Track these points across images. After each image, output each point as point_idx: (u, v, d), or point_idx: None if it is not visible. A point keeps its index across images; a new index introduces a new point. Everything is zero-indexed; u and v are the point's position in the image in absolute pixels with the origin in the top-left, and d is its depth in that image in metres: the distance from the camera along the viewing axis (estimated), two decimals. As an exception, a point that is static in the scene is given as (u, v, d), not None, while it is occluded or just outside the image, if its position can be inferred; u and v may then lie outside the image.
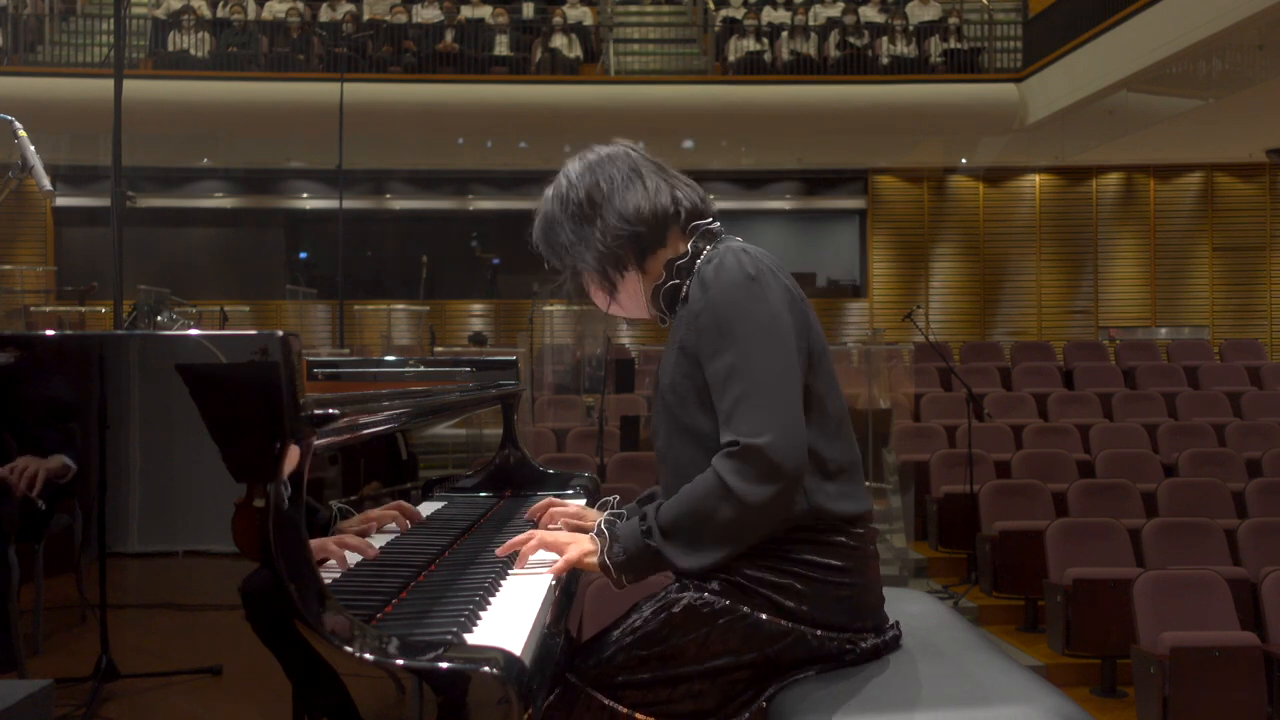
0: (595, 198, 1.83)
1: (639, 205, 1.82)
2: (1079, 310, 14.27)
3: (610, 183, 1.84)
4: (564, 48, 12.73)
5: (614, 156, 1.87)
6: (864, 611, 1.73)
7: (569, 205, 1.85)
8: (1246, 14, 8.58)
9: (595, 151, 1.90)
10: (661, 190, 1.84)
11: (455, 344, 13.24)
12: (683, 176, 1.90)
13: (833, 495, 1.71)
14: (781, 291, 1.72)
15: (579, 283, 1.90)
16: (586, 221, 1.83)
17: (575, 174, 1.87)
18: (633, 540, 1.70)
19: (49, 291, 12.09)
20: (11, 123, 2.77)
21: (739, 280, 1.70)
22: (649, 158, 1.90)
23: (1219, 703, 4.44)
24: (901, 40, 12.81)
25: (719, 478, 1.63)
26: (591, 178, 1.85)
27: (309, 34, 12.61)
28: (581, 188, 1.85)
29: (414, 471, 2.08)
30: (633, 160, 1.87)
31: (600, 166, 1.86)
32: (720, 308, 1.69)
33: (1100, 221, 14.23)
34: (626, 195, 1.82)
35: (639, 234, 1.81)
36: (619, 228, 1.81)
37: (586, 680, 1.71)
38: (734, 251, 1.74)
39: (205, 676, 1.31)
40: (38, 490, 1.33)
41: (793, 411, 1.65)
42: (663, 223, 1.82)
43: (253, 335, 1.33)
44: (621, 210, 1.81)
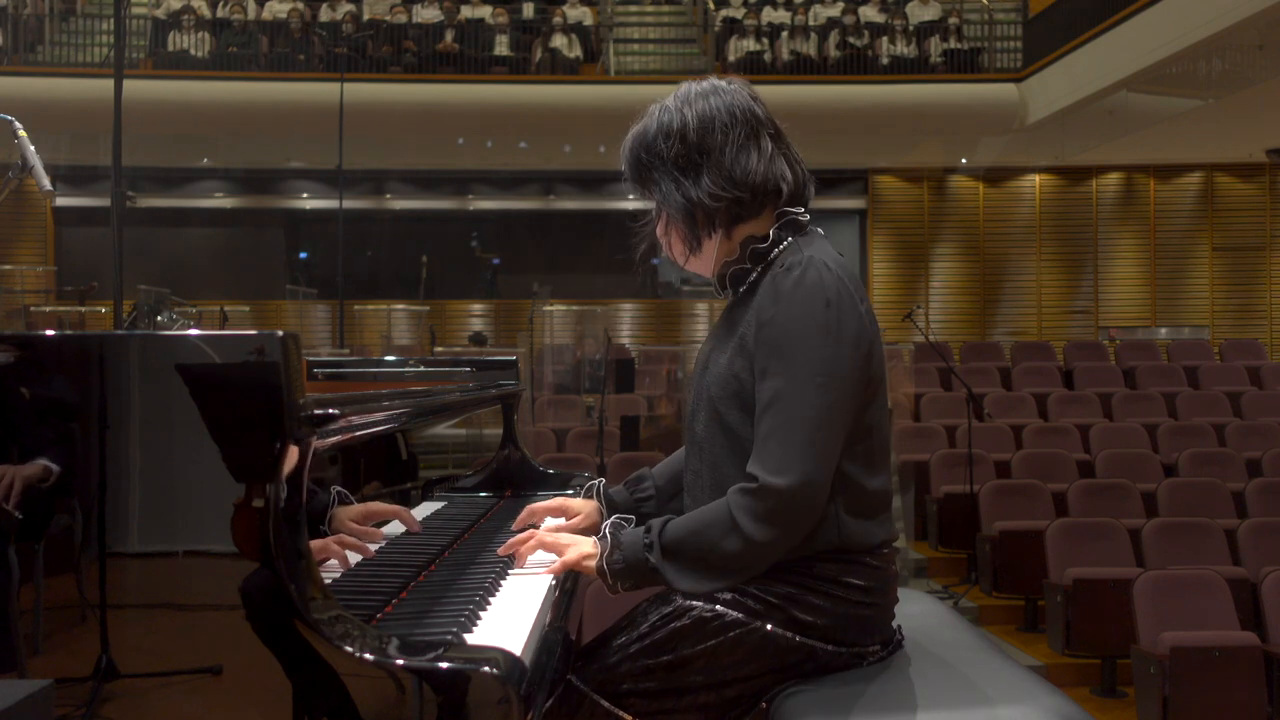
0: (709, 146, 1.71)
1: (750, 171, 1.70)
2: (1079, 310, 14.27)
3: (725, 133, 1.71)
4: (564, 48, 12.73)
5: (737, 106, 1.73)
6: (877, 628, 1.72)
7: (674, 144, 1.72)
8: (1246, 14, 8.58)
9: (719, 93, 1.75)
10: (776, 161, 1.73)
11: (455, 344, 13.24)
12: (794, 148, 1.79)
13: (865, 529, 1.68)
14: (854, 322, 1.63)
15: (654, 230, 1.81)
16: (691, 169, 1.72)
17: (694, 112, 1.72)
18: (633, 551, 1.67)
19: (49, 291, 12.09)
20: (11, 123, 2.77)
21: (815, 305, 1.61)
22: (769, 116, 1.77)
23: (1219, 703, 4.44)
24: (901, 40, 12.82)
25: (730, 513, 1.60)
26: (710, 122, 1.71)
27: (309, 34, 12.61)
28: (695, 130, 1.71)
29: (414, 471, 2.08)
30: (755, 116, 1.74)
31: (721, 113, 1.72)
32: (786, 328, 1.61)
33: (1100, 221, 14.23)
34: (739, 157, 1.70)
35: (740, 200, 1.71)
36: (723, 189, 1.70)
37: (590, 685, 1.69)
38: (818, 267, 1.64)
39: (205, 676, 1.31)
40: (14, 501, 1.32)
41: (822, 458, 1.59)
42: (763, 197, 1.72)
43: (252, 335, 1.33)
44: (731, 172, 1.70)
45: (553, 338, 11.90)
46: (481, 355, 6.33)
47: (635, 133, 1.78)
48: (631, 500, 2.03)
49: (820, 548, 1.65)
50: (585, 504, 2.03)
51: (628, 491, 2.05)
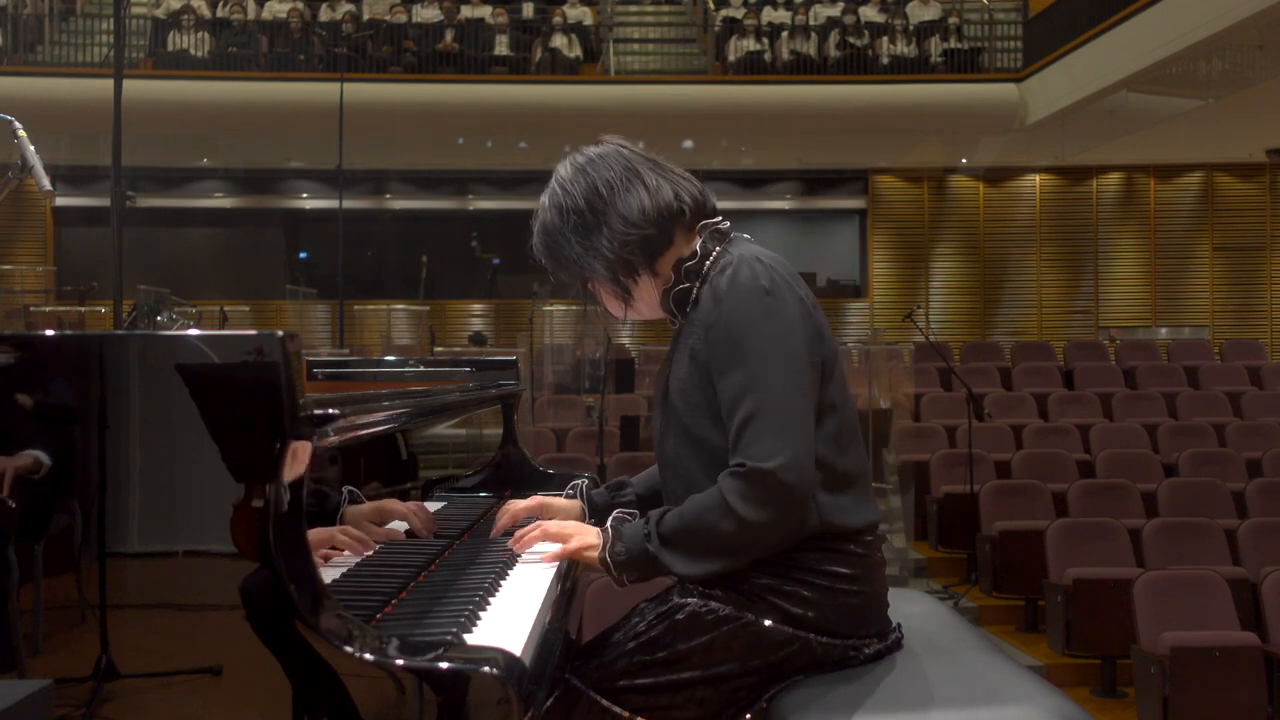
0: (595, 204, 1.76)
1: (643, 205, 1.75)
2: (1079, 310, 14.27)
3: (609, 186, 1.76)
4: (564, 48, 12.73)
5: (606, 156, 1.80)
6: (869, 619, 1.72)
7: (569, 216, 1.78)
8: (1246, 14, 8.59)
9: (585, 153, 1.82)
10: (663, 187, 1.77)
11: (455, 344, 13.24)
12: (679, 170, 1.84)
13: (844, 508, 1.69)
14: (796, 304, 1.68)
15: (589, 293, 1.85)
16: (591, 231, 1.77)
17: (569, 180, 1.79)
18: (634, 542, 1.69)
19: (49, 291, 12.09)
20: (11, 123, 2.77)
21: (753, 294, 1.65)
22: (642, 153, 1.82)
23: (1219, 703, 4.44)
24: (901, 40, 12.82)
25: (723, 497, 1.61)
26: (588, 182, 1.77)
27: (309, 34, 12.61)
28: (579, 195, 1.77)
29: (414, 471, 2.08)
30: (626, 158, 1.79)
31: (594, 168, 1.78)
32: (733, 323, 1.65)
33: (1100, 221, 14.23)
34: (628, 197, 1.76)
35: (647, 236, 1.75)
36: (625, 233, 1.75)
37: (588, 683, 1.71)
38: (748, 261, 1.69)
39: (205, 676, 1.31)
40: (6, 490, 1.32)
41: (802, 435, 1.62)
42: (669, 221, 1.77)
43: (252, 335, 1.33)
44: (625, 214, 1.75)
45: (553, 338, 11.90)
46: (481, 355, 6.33)
47: (536, 230, 1.84)
48: (611, 504, 2.03)
49: (804, 534, 1.66)
50: (567, 504, 2.04)
51: (609, 495, 2.06)
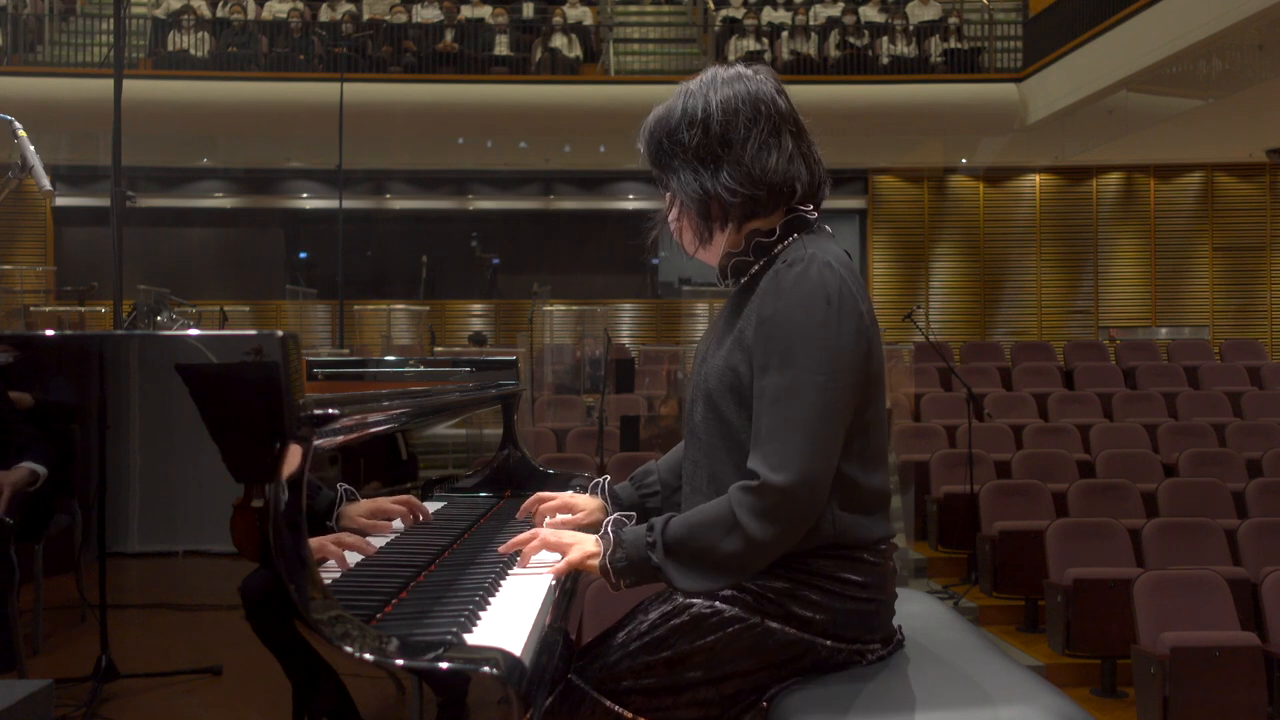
0: (731, 140, 1.68)
1: (769, 170, 1.68)
2: (1079, 310, 14.27)
3: (749, 131, 1.68)
4: (564, 48, 12.73)
5: (762, 99, 1.70)
6: (877, 624, 1.71)
7: (697, 133, 1.69)
8: (1246, 14, 8.59)
9: (744, 80, 1.71)
10: (794, 162, 1.71)
11: (455, 344, 13.24)
12: (815, 146, 1.77)
13: (862, 525, 1.68)
14: (854, 320, 1.62)
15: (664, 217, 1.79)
16: (711, 161, 1.69)
17: (718, 100, 1.69)
18: (636, 550, 1.67)
19: (49, 291, 12.09)
20: (11, 123, 2.77)
21: (816, 302, 1.60)
22: (792, 111, 1.74)
23: (1219, 703, 4.44)
24: (901, 40, 12.82)
25: (731, 511, 1.59)
26: (734, 115, 1.68)
27: (309, 34, 12.61)
28: (719, 121, 1.68)
29: (414, 471, 2.08)
30: (778, 110, 1.71)
31: (745, 106, 1.69)
32: (787, 324, 1.61)
33: (1100, 221, 14.23)
34: (760, 154, 1.68)
35: (756, 198, 1.69)
36: (741, 186, 1.68)
37: (590, 683, 1.70)
38: (819, 264, 1.63)
39: (205, 676, 1.31)
40: (3, 508, 1.33)
41: (824, 454, 1.59)
42: (779, 195, 1.71)
43: (252, 335, 1.33)
44: (751, 169, 1.68)
45: (553, 338, 11.91)
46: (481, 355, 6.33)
47: (658, 115, 1.76)
48: (637, 496, 2.04)
49: (816, 544, 1.65)
50: (590, 501, 2.04)
51: (633, 487, 2.06)
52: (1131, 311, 14.18)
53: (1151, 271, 14.23)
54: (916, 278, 14.31)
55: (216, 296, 12.58)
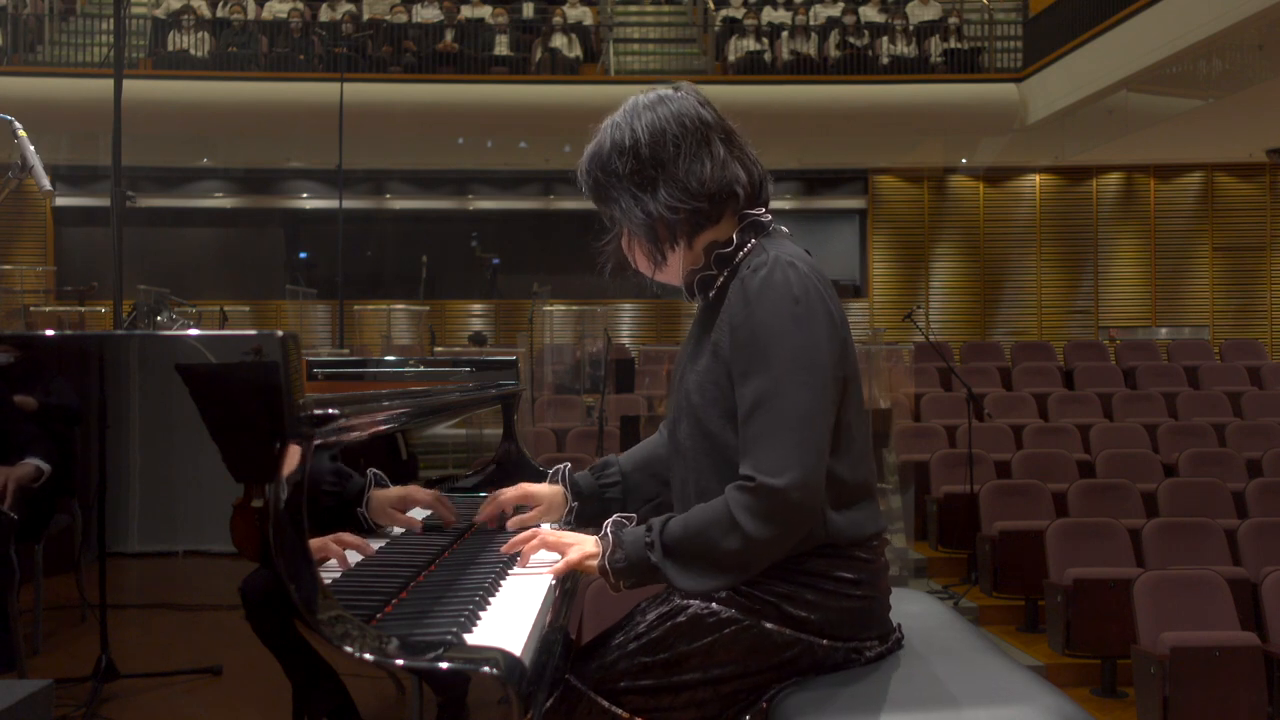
0: (662, 159, 1.70)
1: (705, 179, 1.69)
2: (1079, 310, 14.28)
3: (677, 145, 1.70)
4: (564, 48, 12.73)
5: (685, 114, 1.72)
6: (872, 622, 1.72)
7: (628, 160, 1.72)
8: (1246, 14, 8.59)
9: (666, 102, 1.74)
10: (729, 165, 1.72)
11: (455, 344, 13.24)
12: (750, 148, 1.78)
13: (851, 524, 1.68)
14: (825, 317, 1.63)
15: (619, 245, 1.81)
16: (647, 184, 1.71)
17: (643, 125, 1.72)
18: (635, 550, 1.67)
19: (49, 291, 12.09)
20: (11, 123, 2.77)
21: (784, 302, 1.61)
22: (717, 117, 1.75)
23: (1219, 703, 4.44)
24: (901, 40, 12.82)
25: (729, 511, 1.59)
26: (660, 135, 1.70)
27: (309, 34, 12.61)
28: (647, 144, 1.71)
29: (414, 471, 2.08)
30: (704, 122, 1.73)
31: (670, 124, 1.71)
32: (760, 328, 1.61)
33: (1100, 221, 14.24)
34: (693, 167, 1.70)
35: (698, 210, 1.70)
36: (680, 201, 1.69)
37: (588, 684, 1.70)
38: (783, 265, 1.64)
39: (205, 676, 1.31)
40: (9, 502, 1.33)
41: (815, 452, 1.59)
42: (721, 204, 1.72)
43: (252, 335, 1.33)
44: (687, 183, 1.69)
45: (553, 338, 11.91)
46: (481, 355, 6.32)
47: (589, 152, 1.79)
48: (596, 485, 2.03)
49: (808, 544, 1.65)
50: (549, 489, 2.04)
51: (593, 477, 2.05)
52: (1131, 311, 14.18)
53: (1151, 271, 14.23)
54: (916, 278, 14.31)
55: (216, 296, 12.58)
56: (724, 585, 1.65)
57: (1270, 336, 13.89)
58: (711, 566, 1.63)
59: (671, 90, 1.77)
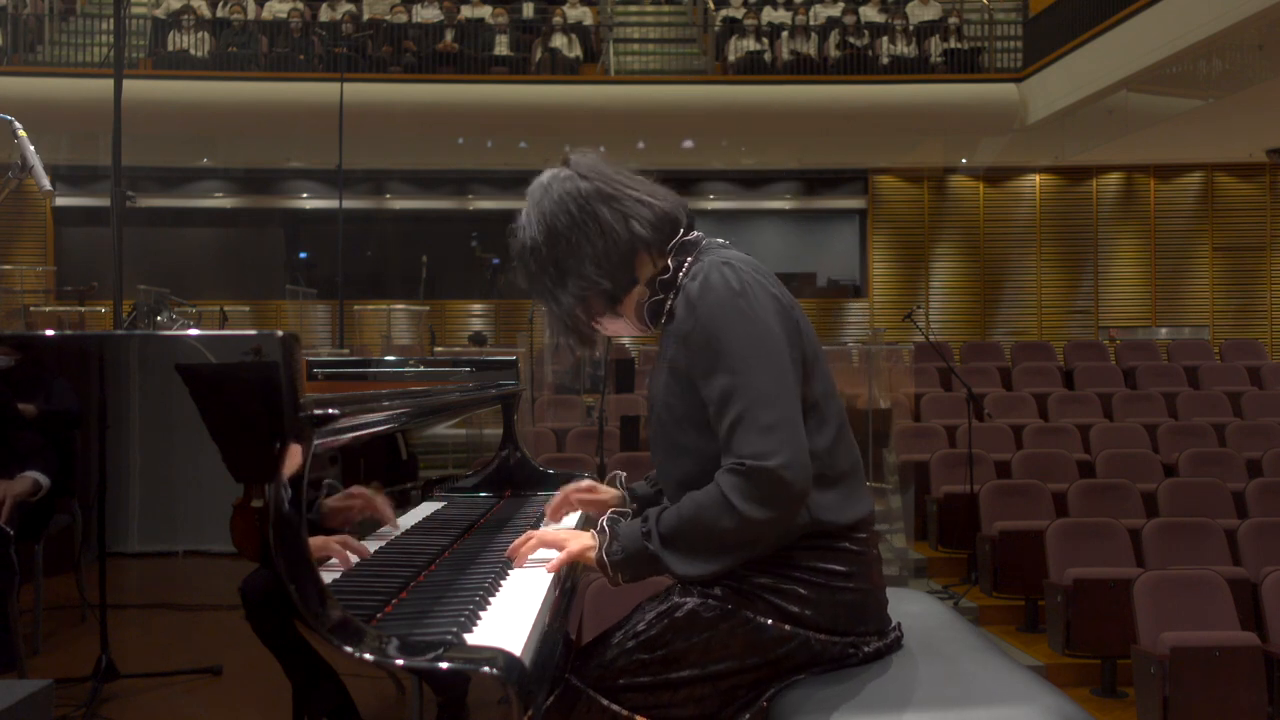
0: (557, 255, 1.78)
1: (598, 257, 1.76)
2: (1079, 310, 14.27)
3: (565, 238, 1.77)
4: (564, 48, 12.72)
5: (565, 199, 1.78)
6: (868, 615, 1.72)
7: (533, 262, 1.81)
8: (1246, 14, 8.59)
9: (549, 195, 1.81)
10: (617, 230, 1.76)
11: (455, 344, 13.23)
12: (643, 189, 1.81)
13: (835, 505, 1.70)
14: (770, 302, 1.68)
15: None
16: (559, 280, 1.79)
17: (535, 229, 1.81)
18: (632, 541, 1.68)
19: (49, 291, 12.09)
20: (11, 123, 2.76)
21: (725, 297, 1.65)
22: (606, 178, 1.80)
23: (1219, 703, 4.44)
24: (901, 40, 12.81)
25: (722, 494, 1.61)
26: (549, 233, 1.78)
27: (309, 34, 12.61)
28: (541, 239, 1.79)
29: (414, 471, 2.08)
30: (581, 196, 1.78)
31: (556, 218, 1.78)
32: (709, 327, 1.65)
33: (1100, 221, 14.23)
34: (583, 254, 1.76)
35: (603, 289, 1.77)
36: (584, 285, 1.76)
37: (587, 682, 1.71)
38: (717, 266, 1.69)
39: (205, 676, 1.31)
40: (4, 518, 1.33)
41: (793, 429, 1.61)
42: (628, 265, 1.77)
43: (252, 335, 1.33)
44: (581, 271, 1.76)
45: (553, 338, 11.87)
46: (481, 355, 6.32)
47: (517, 259, 1.86)
48: (652, 491, 2.09)
49: (797, 532, 1.67)
50: (612, 490, 2.13)
51: (649, 486, 2.11)
52: (1131, 311, 14.18)
53: (1151, 271, 14.23)
54: (916, 278, 14.31)
55: (216, 296, 12.58)
56: (723, 568, 1.65)
57: (1270, 336, 13.89)
58: (709, 549, 1.64)
59: (556, 171, 1.84)
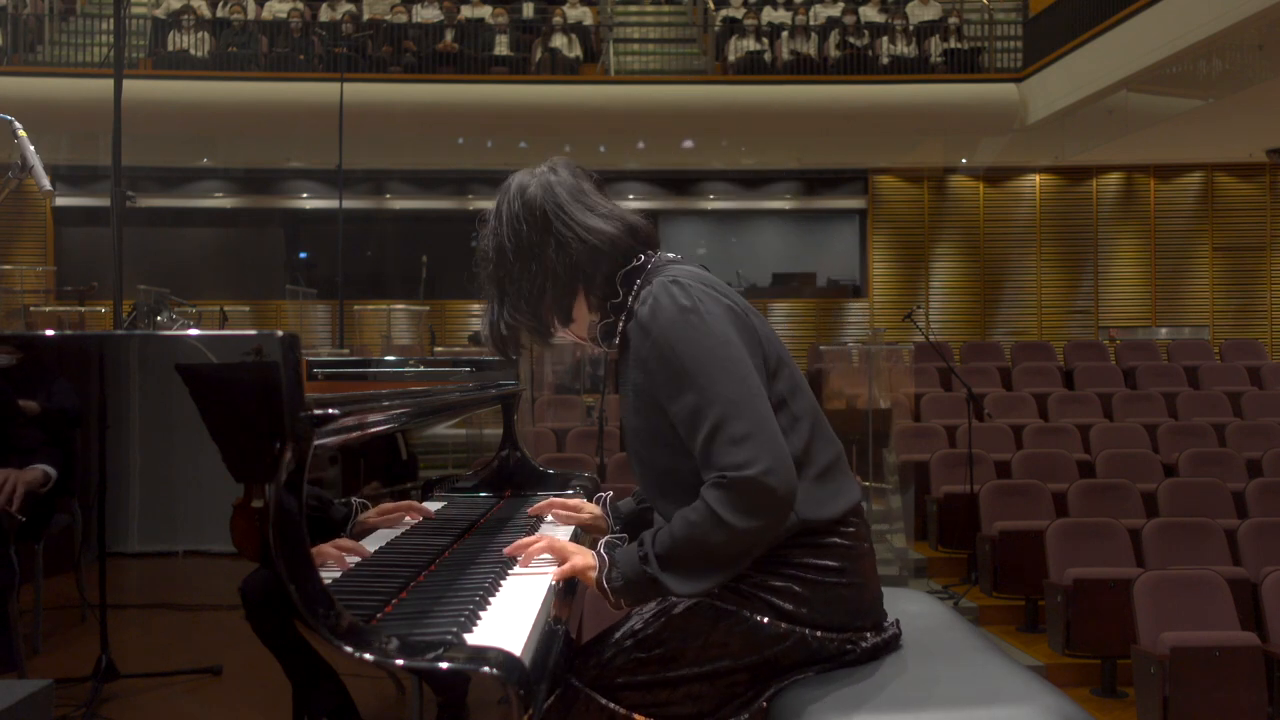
0: (502, 275, 1.79)
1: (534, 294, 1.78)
2: (1079, 310, 14.27)
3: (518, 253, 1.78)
4: (564, 48, 12.72)
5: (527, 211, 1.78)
6: (862, 610, 1.73)
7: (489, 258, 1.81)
8: (1246, 14, 8.59)
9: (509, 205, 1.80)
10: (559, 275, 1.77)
11: (455, 344, 13.23)
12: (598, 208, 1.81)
13: (818, 500, 1.70)
14: (723, 313, 1.68)
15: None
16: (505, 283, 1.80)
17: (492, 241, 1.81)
18: (631, 567, 1.68)
19: (49, 291, 12.08)
20: (11, 123, 2.77)
21: (675, 317, 1.65)
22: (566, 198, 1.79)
23: (1219, 703, 4.44)
24: (901, 40, 12.81)
25: (710, 509, 1.60)
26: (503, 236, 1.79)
27: (309, 34, 12.61)
28: (492, 247, 1.80)
29: (414, 471, 2.08)
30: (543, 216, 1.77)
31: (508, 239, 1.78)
32: (665, 349, 1.65)
33: (1100, 221, 14.23)
34: (523, 283, 1.77)
35: (540, 316, 1.80)
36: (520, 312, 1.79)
37: (586, 681, 1.71)
38: (665, 287, 1.69)
39: (205, 676, 1.31)
40: (16, 505, 1.33)
41: (768, 435, 1.61)
42: (570, 292, 1.79)
43: (252, 335, 1.33)
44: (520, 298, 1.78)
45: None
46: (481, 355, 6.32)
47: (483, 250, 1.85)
48: (637, 507, 2.11)
49: (785, 533, 1.67)
50: (595, 508, 2.18)
51: (635, 503, 2.13)
52: (1131, 311, 14.18)
53: (1151, 271, 14.23)
54: (916, 278, 14.31)
55: (216, 296, 12.58)
56: (719, 581, 1.66)
57: (1270, 336, 13.88)
58: (705, 565, 1.64)
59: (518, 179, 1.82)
